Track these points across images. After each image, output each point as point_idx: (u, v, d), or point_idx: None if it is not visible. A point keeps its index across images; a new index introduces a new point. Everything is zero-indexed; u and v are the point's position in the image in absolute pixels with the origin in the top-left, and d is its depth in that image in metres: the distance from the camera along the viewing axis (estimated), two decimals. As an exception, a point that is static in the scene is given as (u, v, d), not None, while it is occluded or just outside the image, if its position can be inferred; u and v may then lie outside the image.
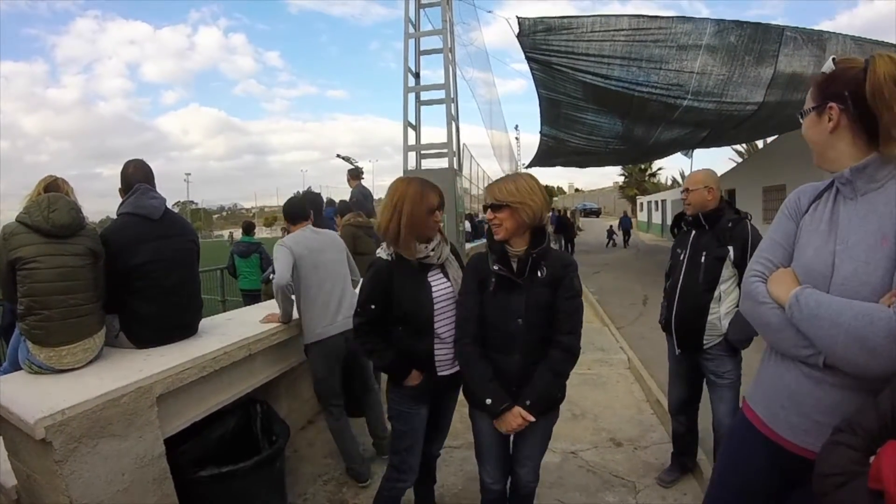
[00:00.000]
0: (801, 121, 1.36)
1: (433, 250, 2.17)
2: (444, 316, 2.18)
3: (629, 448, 3.60)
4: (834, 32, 6.68)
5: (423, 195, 2.11)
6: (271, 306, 3.53)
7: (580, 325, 1.99)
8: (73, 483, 1.82)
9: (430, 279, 2.19)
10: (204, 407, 2.52)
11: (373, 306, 2.14)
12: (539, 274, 1.94)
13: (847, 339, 1.10)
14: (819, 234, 1.30)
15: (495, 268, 1.93)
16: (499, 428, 1.96)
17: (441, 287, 2.20)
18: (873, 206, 1.21)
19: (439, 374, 2.21)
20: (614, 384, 4.98)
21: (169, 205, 2.77)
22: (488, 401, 1.91)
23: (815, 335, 1.17)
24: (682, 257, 2.82)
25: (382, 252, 2.17)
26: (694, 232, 2.80)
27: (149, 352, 2.50)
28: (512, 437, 2.14)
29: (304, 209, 3.31)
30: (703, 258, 2.68)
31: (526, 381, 1.94)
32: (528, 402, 1.91)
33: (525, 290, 1.92)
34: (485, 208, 1.99)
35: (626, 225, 25.42)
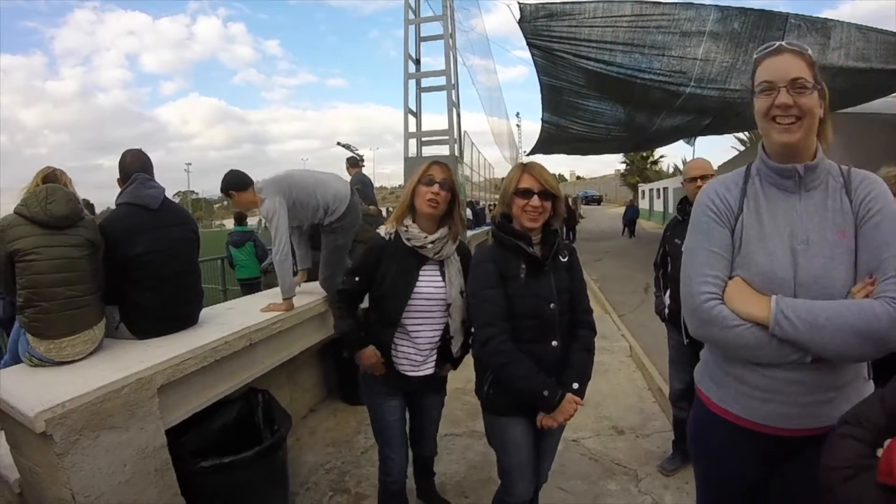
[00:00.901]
0: (808, 90, 1.22)
1: (432, 243, 2.05)
2: (425, 316, 2.11)
3: (631, 436, 3.60)
4: (838, 20, 6.63)
5: (424, 169, 2.06)
6: (272, 295, 3.53)
7: (590, 303, 2.06)
8: (75, 475, 1.81)
9: (421, 272, 2.09)
10: (205, 397, 2.52)
11: (357, 278, 2.12)
12: (561, 258, 1.96)
13: (855, 338, 1.10)
14: (767, 237, 1.27)
15: (530, 250, 1.85)
16: (551, 422, 1.84)
17: (431, 284, 2.10)
18: (819, 201, 1.26)
19: (401, 371, 2.14)
20: (616, 372, 4.98)
21: (169, 194, 2.76)
22: (545, 392, 1.79)
23: (817, 341, 1.14)
24: (683, 248, 2.76)
25: (382, 229, 2.12)
26: None
27: (149, 343, 2.49)
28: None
29: (245, 175, 3.36)
30: None
31: (562, 366, 1.90)
32: (575, 386, 1.86)
33: (551, 275, 1.90)
34: (524, 192, 1.85)
35: (631, 215, 23.39)
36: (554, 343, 1.88)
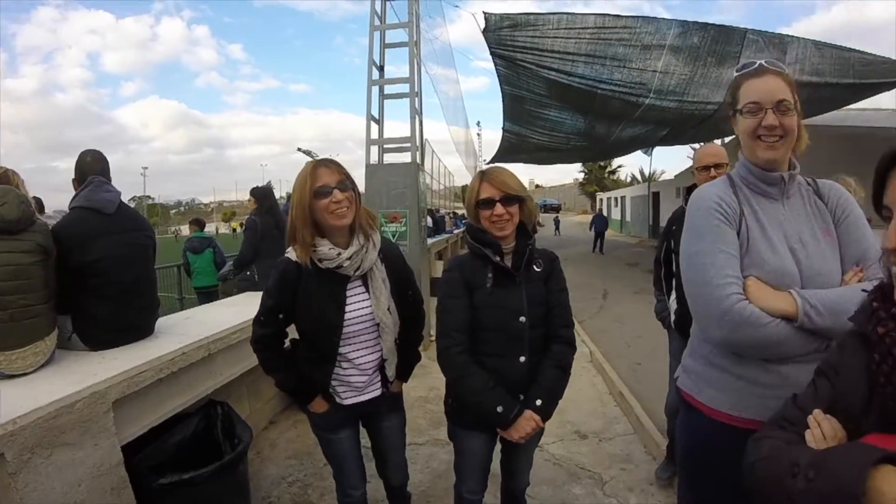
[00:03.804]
0: (791, 111, 1.32)
1: (349, 259, 1.77)
2: (361, 339, 1.88)
3: (594, 440, 3.65)
4: (795, 36, 6.92)
5: (308, 176, 1.71)
6: (230, 304, 3.44)
7: (572, 318, 1.94)
8: (28, 496, 1.71)
9: (347, 292, 1.84)
10: (162, 411, 2.43)
11: (281, 315, 1.84)
12: (535, 268, 1.85)
13: None
14: (767, 237, 1.35)
15: (497, 259, 1.75)
16: (510, 437, 1.76)
17: (359, 304, 1.85)
18: (799, 206, 1.40)
19: (346, 402, 1.92)
20: (577, 377, 5.03)
21: (125, 200, 2.66)
22: (499, 408, 1.71)
23: (841, 325, 1.16)
24: (688, 251, 2.66)
25: (291, 253, 1.80)
26: None
27: (103, 354, 2.39)
28: (500, 448, 2.03)
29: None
30: None
31: (531, 383, 1.81)
32: (538, 403, 1.76)
33: (522, 286, 1.79)
34: (485, 203, 1.76)
35: (599, 226, 20.91)
36: (522, 359, 1.80)
